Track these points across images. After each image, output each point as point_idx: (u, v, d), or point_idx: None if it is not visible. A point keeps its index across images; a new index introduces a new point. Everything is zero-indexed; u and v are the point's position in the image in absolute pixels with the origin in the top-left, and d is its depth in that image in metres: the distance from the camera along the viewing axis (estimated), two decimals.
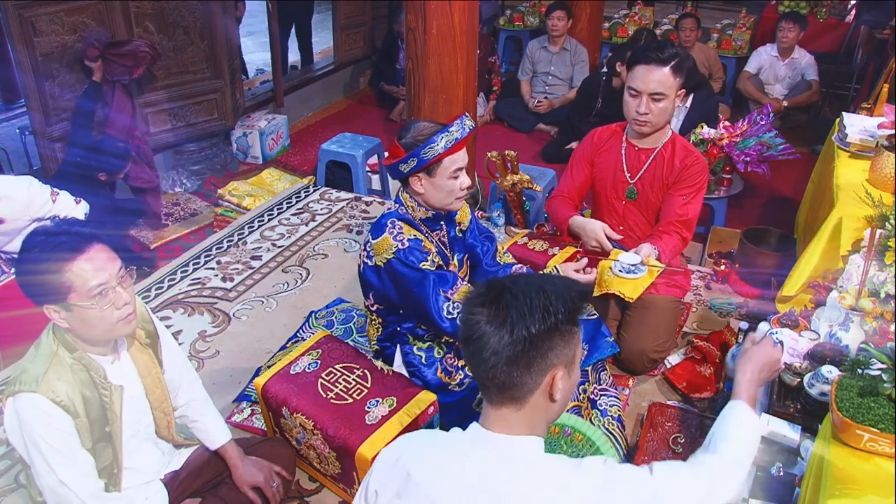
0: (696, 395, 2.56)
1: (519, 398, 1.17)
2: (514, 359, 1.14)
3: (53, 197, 2.88)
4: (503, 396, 1.18)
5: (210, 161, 4.75)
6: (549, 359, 1.15)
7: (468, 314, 1.17)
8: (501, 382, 1.16)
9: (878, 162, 2.72)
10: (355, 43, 6.30)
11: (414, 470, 1.22)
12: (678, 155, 2.51)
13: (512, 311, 1.13)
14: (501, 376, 1.15)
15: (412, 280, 2.05)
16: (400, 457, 1.26)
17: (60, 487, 1.57)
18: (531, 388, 1.17)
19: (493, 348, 1.13)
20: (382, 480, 1.27)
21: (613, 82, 4.77)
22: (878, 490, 1.42)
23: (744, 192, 4.21)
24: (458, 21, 3.55)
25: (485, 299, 1.16)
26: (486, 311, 1.15)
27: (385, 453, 1.30)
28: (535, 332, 1.12)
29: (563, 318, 1.14)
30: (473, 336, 1.15)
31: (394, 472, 1.25)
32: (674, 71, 2.35)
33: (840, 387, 1.59)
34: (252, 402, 2.51)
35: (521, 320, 1.12)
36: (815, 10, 6.17)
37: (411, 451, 1.26)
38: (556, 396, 1.18)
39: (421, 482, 1.20)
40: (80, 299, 1.52)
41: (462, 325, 1.19)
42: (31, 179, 2.86)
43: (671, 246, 2.43)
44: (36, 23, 3.59)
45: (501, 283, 1.17)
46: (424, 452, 1.25)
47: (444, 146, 2.00)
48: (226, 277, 3.33)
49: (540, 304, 1.13)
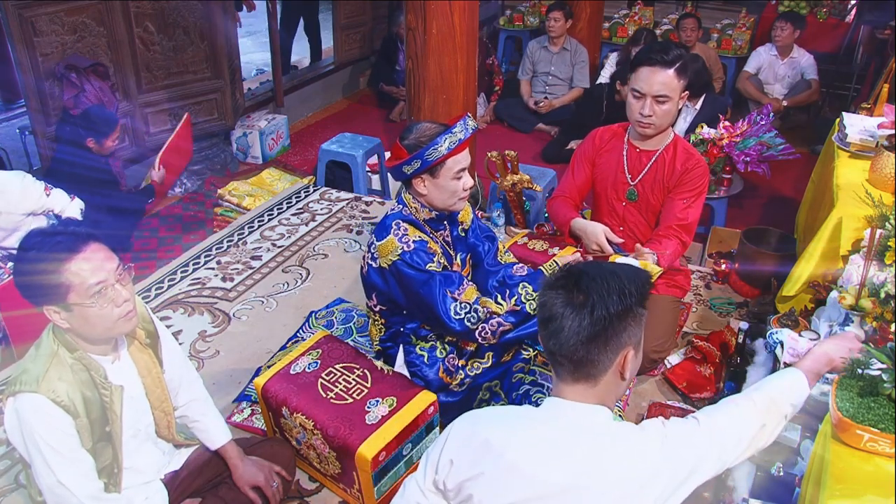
0: (696, 395, 2.56)
1: (594, 375, 1.25)
2: (594, 338, 1.21)
3: (47, 191, 2.89)
4: (579, 373, 1.26)
5: (210, 161, 4.75)
6: (622, 338, 1.23)
7: (546, 297, 1.25)
8: (579, 360, 1.24)
9: (878, 162, 2.72)
10: (355, 43, 6.30)
11: (493, 437, 1.27)
12: (679, 158, 2.51)
13: (592, 293, 1.21)
14: (580, 354, 1.23)
15: (418, 281, 2.04)
16: (476, 426, 1.31)
17: (59, 488, 1.57)
18: (606, 366, 1.24)
19: (574, 329, 1.21)
20: (458, 449, 1.31)
21: (615, 97, 4.77)
22: (878, 490, 1.42)
23: (744, 192, 4.22)
24: (458, 21, 3.55)
25: (563, 283, 1.24)
26: (564, 294, 1.23)
27: (458, 425, 1.35)
28: (613, 312, 1.20)
29: (637, 300, 1.23)
30: (553, 317, 1.23)
31: (471, 440, 1.29)
32: (678, 73, 2.34)
33: (840, 387, 1.59)
34: (252, 402, 2.51)
35: (601, 301, 1.20)
36: (815, 10, 6.17)
37: (488, 421, 1.32)
38: (626, 374, 1.27)
39: (502, 448, 1.25)
40: (80, 298, 1.52)
41: (540, 307, 1.27)
42: (24, 174, 2.87)
43: (671, 250, 2.43)
44: (36, 23, 3.59)
45: (577, 269, 1.26)
46: (504, 422, 1.31)
47: (448, 147, 1.99)
48: (226, 277, 3.33)
49: (616, 286, 1.21)
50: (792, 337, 2.09)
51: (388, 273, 2.12)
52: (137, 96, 4.17)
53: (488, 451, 1.26)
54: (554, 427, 1.26)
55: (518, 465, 1.23)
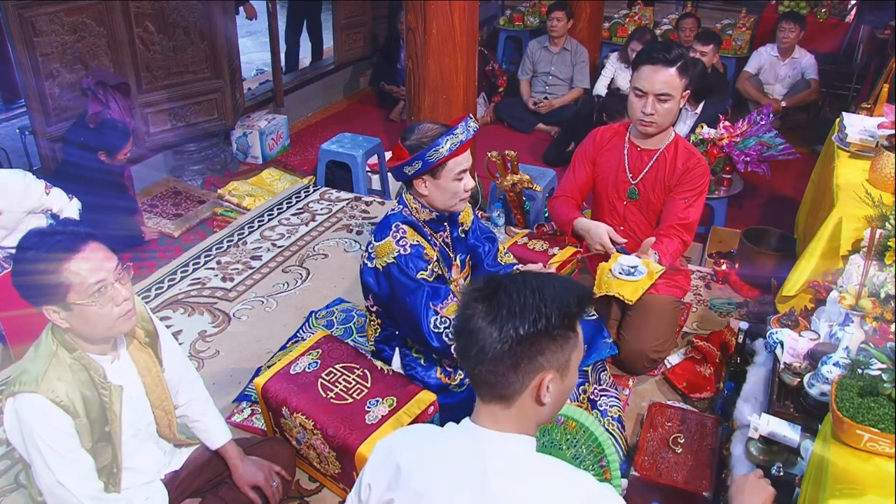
0: (696, 395, 2.56)
1: (506, 397, 1.15)
2: (500, 357, 1.11)
3: (47, 190, 2.90)
4: (492, 393, 1.16)
5: (210, 161, 4.75)
6: (537, 361, 1.12)
7: (464, 308, 1.15)
8: (486, 379, 1.15)
9: (878, 162, 2.72)
10: (355, 43, 6.29)
11: (403, 462, 1.22)
12: (680, 157, 2.51)
13: (503, 308, 1.11)
14: (486, 373, 1.14)
15: (407, 289, 2.05)
16: (392, 450, 1.26)
17: (58, 488, 1.58)
18: (518, 388, 1.14)
19: (481, 344, 1.11)
20: (375, 474, 1.27)
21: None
22: (878, 490, 1.42)
23: (744, 192, 4.22)
24: (458, 21, 3.55)
25: (481, 294, 1.14)
26: (480, 307, 1.13)
27: (378, 447, 1.30)
28: (523, 333, 1.10)
29: (557, 323, 1.11)
30: (465, 329, 1.14)
31: (385, 464, 1.25)
32: (680, 72, 2.35)
33: (840, 387, 1.59)
34: (252, 402, 2.51)
35: (510, 319, 1.10)
36: (815, 10, 6.16)
37: (402, 445, 1.26)
38: (543, 400, 1.15)
39: (410, 475, 1.20)
40: (80, 297, 1.52)
41: (457, 318, 1.17)
42: (25, 172, 2.88)
43: (672, 250, 2.43)
44: (36, 23, 3.59)
45: (499, 280, 1.15)
46: (415, 446, 1.25)
47: (449, 149, 1.99)
48: (226, 277, 3.33)
49: (533, 304, 1.10)
50: (792, 337, 2.09)
51: (381, 274, 2.12)
52: (137, 96, 4.16)
53: (398, 477, 1.22)
54: (466, 458, 1.17)
55: (423, 496, 1.18)
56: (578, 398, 2.21)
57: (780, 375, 1.99)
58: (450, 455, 1.19)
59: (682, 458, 2.12)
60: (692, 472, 2.07)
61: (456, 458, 1.18)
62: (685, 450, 2.15)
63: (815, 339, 2.08)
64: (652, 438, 2.20)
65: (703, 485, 2.03)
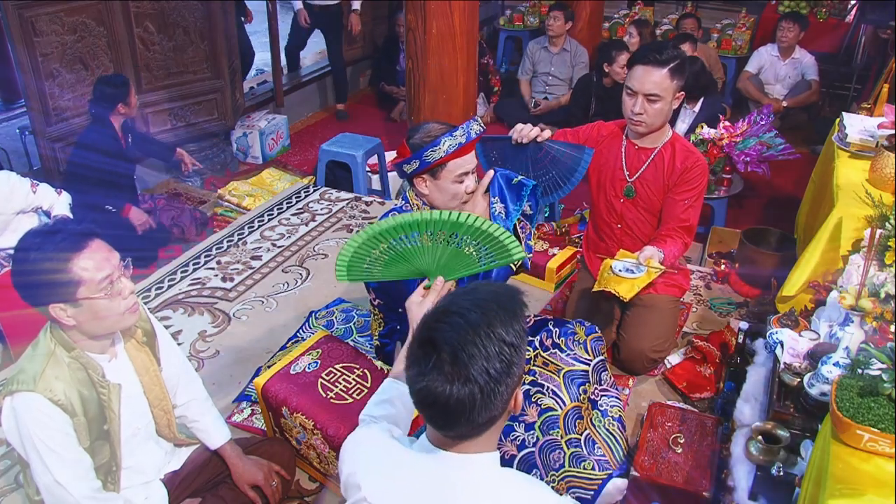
0: (696, 395, 2.56)
1: (484, 426, 1.15)
2: (486, 404, 1.10)
3: (33, 188, 2.88)
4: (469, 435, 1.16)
5: (210, 161, 4.75)
6: (511, 384, 1.12)
7: (423, 383, 1.10)
8: (471, 427, 1.13)
9: (878, 162, 2.72)
10: (355, 43, 6.29)
11: (364, 484, 1.23)
12: (679, 156, 2.51)
13: (471, 368, 1.07)
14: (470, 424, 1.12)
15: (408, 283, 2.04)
16: (354, 472, 1.27)
17: (56, 487, 1.58)
18: (499, 413, 1.15)
19: (462, 408, 1.09)
20: (344, 480, 1.30)
21: (604, 81, 4.77)
22: (878, 490, 1.41)
23: (744, 192, 4.21)
24: (458, 21, 3.55)
25: (434, 362, 1.09)
26: (441, 374, 1.08)
27: (343, 464, 1.30)
28: (494, 373, 1.08)
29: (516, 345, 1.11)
30: (438, 402, 1.09)
31: (351, 478, 1.27)
32: (672, 73, 2.35)
33: (840, 387, 1.59)
34: (252, 402, 2.51)
35: (483, 374, 1.08)
36: (815, 10, 6.16)
37: (366, 464, 1.27)
38: (517, 410, 1.18)
39: (368, 497, 1.22)
40: (90, 292, 1.53)
41: (417, 394, 1.12)
42: (8, 173, 2.87)
43: (674, 250, 2.43)
44: (36, 23, 3.59)
45: (438, 339, 1.09)
46: (378, 468, 1.25)
47: (447, 150, 1.99)
48: (226, 277, 3.33)
49: (494, 347, 1.08)
50: (792, 337, 2.09)
51: None
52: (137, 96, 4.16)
53: (357, 495, 1.24)
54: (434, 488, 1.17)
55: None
56: (579, 398, 2.21)
57: (780, 375, 1.99)
58: (417, 486, 1.19)
59: (682, 458, 2.12)
60: (692, 472, 2.07)
61: (423, 489, 1.18)
62: (685, 450, 2.15)
63: (815, 339, 2.08)
64: (652, 438, 2.20)
65: (703, 485, 2.03)
